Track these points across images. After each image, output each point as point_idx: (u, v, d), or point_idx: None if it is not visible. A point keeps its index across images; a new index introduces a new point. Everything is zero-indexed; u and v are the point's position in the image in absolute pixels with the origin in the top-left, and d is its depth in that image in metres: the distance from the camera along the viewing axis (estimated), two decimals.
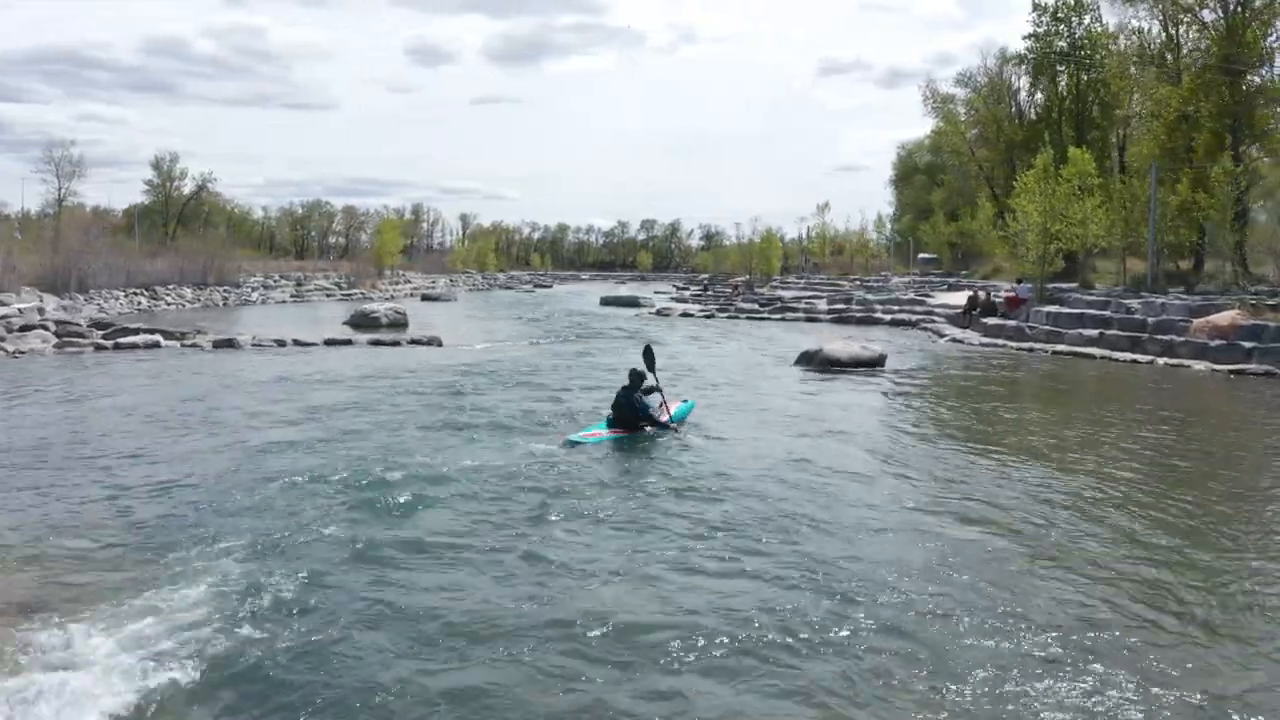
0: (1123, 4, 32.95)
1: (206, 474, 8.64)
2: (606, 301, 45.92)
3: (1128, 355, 19.84)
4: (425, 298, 52.92)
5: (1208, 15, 29.21)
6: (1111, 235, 28.87)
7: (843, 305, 35.49)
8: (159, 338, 21.18)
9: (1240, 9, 28.05)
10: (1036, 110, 43.62)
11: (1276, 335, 18.06)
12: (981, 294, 29.10)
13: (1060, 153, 31.18)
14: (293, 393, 13.94)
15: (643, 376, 10.78)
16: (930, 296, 36.98)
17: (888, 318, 31.24)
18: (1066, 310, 23.91)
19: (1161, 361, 18.97)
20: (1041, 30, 39.05)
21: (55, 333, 20.95)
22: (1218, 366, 17.97)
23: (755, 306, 38.12)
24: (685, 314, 36.53)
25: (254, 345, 21.42)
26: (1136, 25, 34.27)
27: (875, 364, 17.96)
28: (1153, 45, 33.12)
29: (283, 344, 21.63)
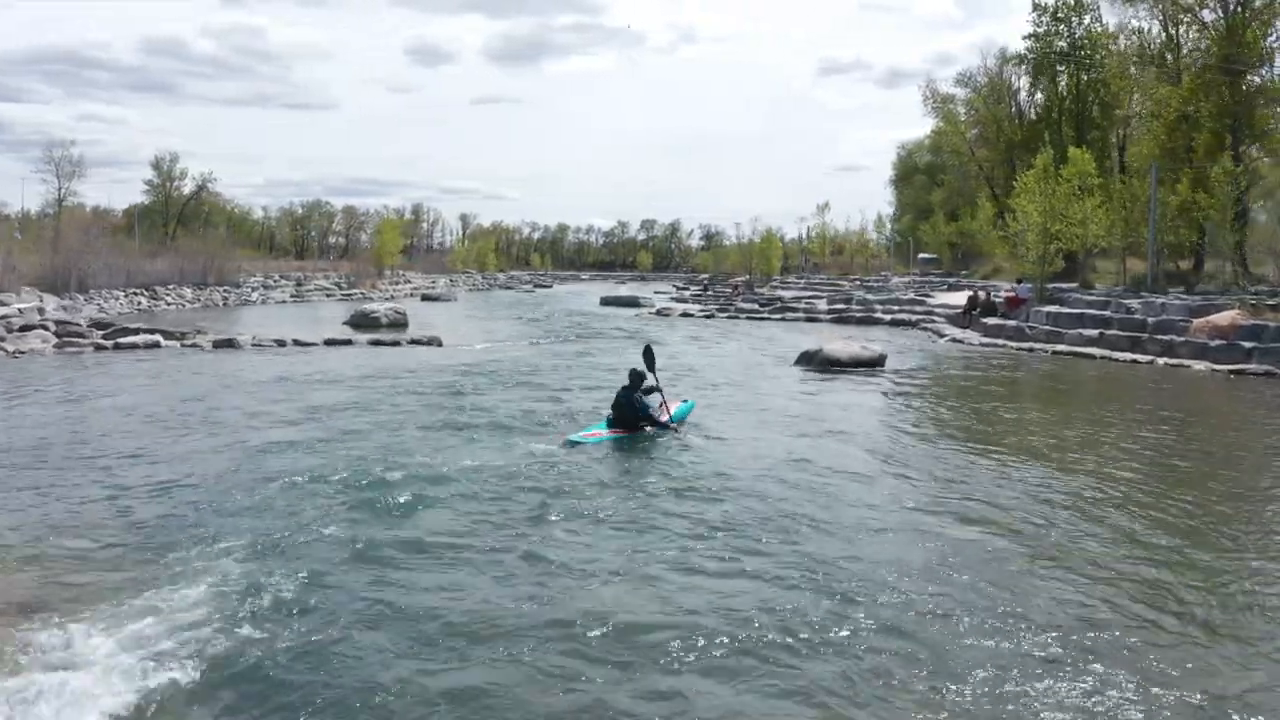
0: (1123, 4, 33.00)
1: (206, 474, 8.64)
2: (606, 301, 45.92)
3: (1128, 355, 19.84)
4: (425, 298, 52.92)
5: (1208, 15, 29.25)
6: (1111, 235, 28.87)
7: (843, 305, 35.49)
8: (159, 338, 21.18)
9: (1240, 9, 28.04)
10: (1036, 110, 43.63)
11: (1276, 335, 18.06)
12: (981, 294, 29.10)
13: (1060, 153, 31.18)
14: (293, 393, 13.94)
15: (642, 376, 10.77)
16: (930, 296, 36.98)
17: (888, 318, 31.24)
18: (1066, 310, 23.90)
19: (1161, 361, 18.97)
20: (1041, 30, 39.10)
21: (55, 333, 20.95)
22: (1218, 366, 17.98)
23: (755, 306, 38.11)
24: (685, 314, 36.52)
25: (254, 345, 21.42)
26: (1136, 25, 34.36)
27: (875, 364, 17.96)
28: (1153, 45, 33.13)
29: (283, 344, 21.62)
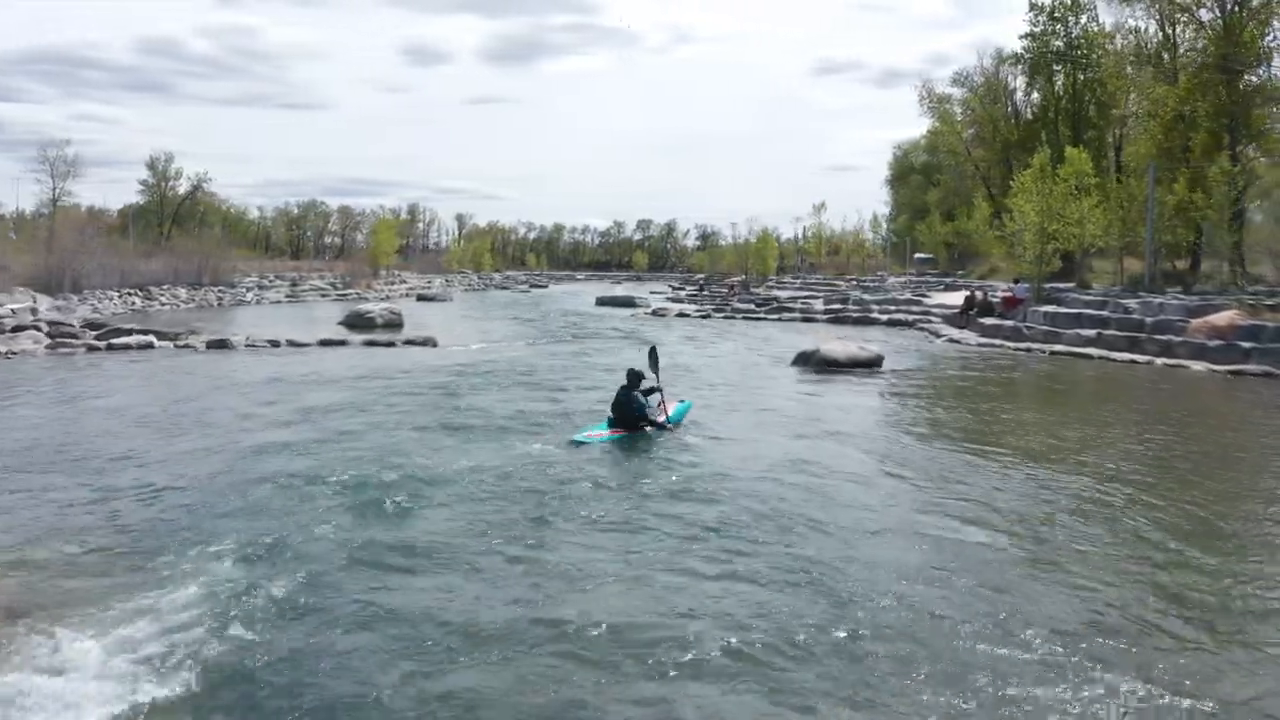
0: (1119, 3, 33.04)
1: (199, 476, 8.57)
2: (602, 302, 45.84)
3: (1125, 355, 19.80)
4: (421, 298, 52.77)
5: (1205, 14, 29.21)
6: (1109, 235, 28.83)
7: (839, 305, 35.48)
8: (152, 338, 21.07)
9: (1237, 8, 28.03)
10: (1033, 110, 43.71)
11: (1275, 335, 18.04)
12: (978, 294, 29.10)
13: (1057, 152, 31.20)
14: (286, 394, 13.86)
15: (641, 376, 10.76)
16: (927, 296, 36.98)
17: (884, 318, 31.20)
18: (1064, 310, 23.89)
19: (1159, 362, 18.94)
20: (1038, 30, 39.17)
21: (48, 333, 20.86)
22: (1216, 367, 17.95)
23: (751, 307, 38.06)
24: (681, 314, 36.45)
25: (248, 346, 21.31)
26: (1133, 25, 34.42)
27: (872, 364, 17.91)
28: (1149, 45, 33.18)
29: (277, 344, 21.52)
